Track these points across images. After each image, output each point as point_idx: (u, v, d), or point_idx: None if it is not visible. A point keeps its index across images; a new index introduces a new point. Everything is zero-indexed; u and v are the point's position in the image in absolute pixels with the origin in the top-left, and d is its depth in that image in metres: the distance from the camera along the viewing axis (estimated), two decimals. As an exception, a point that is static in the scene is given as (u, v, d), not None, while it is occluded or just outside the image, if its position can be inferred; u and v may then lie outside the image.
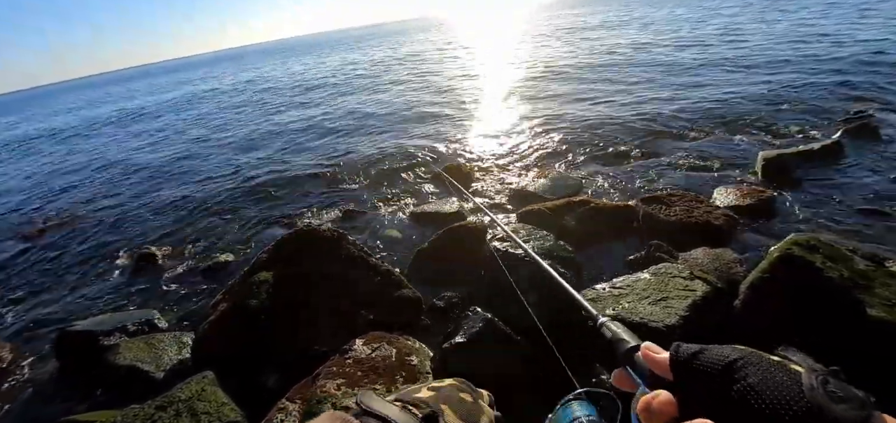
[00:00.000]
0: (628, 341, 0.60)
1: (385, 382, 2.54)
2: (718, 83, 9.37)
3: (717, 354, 0.45)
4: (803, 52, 10.88)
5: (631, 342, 0.59)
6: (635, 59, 13.76)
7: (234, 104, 18.29)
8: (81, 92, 64.40)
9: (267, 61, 49.18)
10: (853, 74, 8.38)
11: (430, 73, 18.22)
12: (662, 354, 0.52)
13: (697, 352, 0.47)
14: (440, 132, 9.15)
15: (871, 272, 2.59)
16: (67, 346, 3.79)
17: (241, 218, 6.38)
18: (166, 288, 4.86)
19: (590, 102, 9.69)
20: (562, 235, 3.95)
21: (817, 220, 4.16)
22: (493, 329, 2.74)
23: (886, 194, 4.37)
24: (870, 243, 3.61)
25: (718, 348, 0.47)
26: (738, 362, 0.43)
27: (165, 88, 35.55)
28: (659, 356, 0.52)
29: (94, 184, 9.73)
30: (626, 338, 0.61)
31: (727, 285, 2.98)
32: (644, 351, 0.55)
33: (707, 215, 4.06)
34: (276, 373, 3.08)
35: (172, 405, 2.54)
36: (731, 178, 5.20)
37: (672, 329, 2.50)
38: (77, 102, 41.59)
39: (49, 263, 6.08)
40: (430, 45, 33.30)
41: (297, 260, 3.77)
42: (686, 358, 0.48)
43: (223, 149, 10.77)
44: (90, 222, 7.35)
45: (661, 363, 0.51)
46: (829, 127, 6.20)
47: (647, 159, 6.14)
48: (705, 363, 0.45)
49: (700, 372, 0.46)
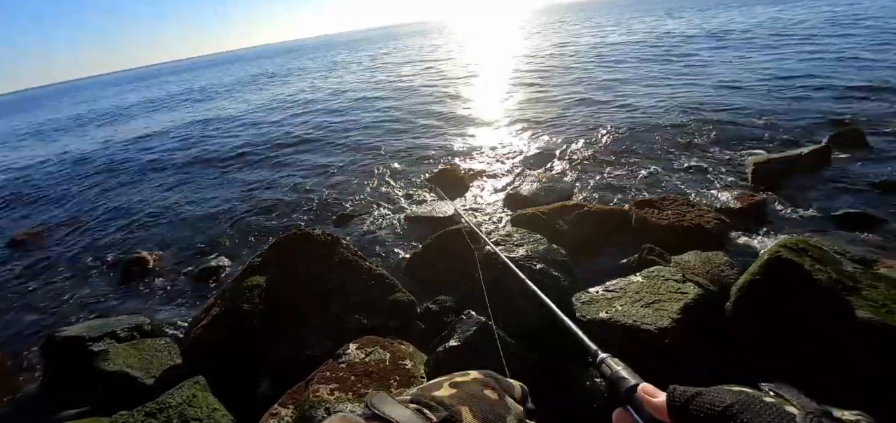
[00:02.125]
0: (628, 380, 0.60)
1: (379, 387, 2.53)
2: (709, 91, 9.49)
3: (714, 398, 0.46)
4: (792, 62, 11.07)
5: (631, 381, 0.59)
6: (626, 66, 13.90)
7: (222, 113, 18.19)
8: (71, 94, 63.85)
9: (250, 67, 49.05)
10: (842, 83, 8.54)
11: (426, 78, 18.26)
12: (659, 397, 0.53)
13: (694, 395, 0.48)
14: (434, 137, 9.17)
15: (859, 275, 2.63)
16: (55, 352, 3.73)
17: (234, 223, 6.34)
18: (157, 293, 4.82)
19: (583, 106, 9.77)
20: (555, 238, 3.97)
21: (806, 223, 4.22)
22: (488, 333, 2.74)
23: (872, 198, 4.45)
24: (857, 245, 3.67)
25: (715, 392, 0.47)
26: (735, 406, 0.43)
27: (128, 96, 35.30)
28: (656, 400, 0.53)
29: (82, 187, 9.63)
30: (626, 377, 0.61)
31: (718, 288, 3.01)
32: (641, 393, 0.56)
33: (699, 218, 4.10)
34: (268, 378, 3.05)
35: (163, 411, 2.51)
36: (723, 183, 5.26)
37: (664, 332, 2.52)
38: (63, 105, 41.18)
39: (37, 267, 6.00)
40: (426, 49, 33.42)
41: (290, 264, 3.75)
42: (682, 403, 0.48)
43: (213, 153, 10.70)
44: (78, 226, 7.27)
45: (659, 406, 0.52)
46: (817, 134, 6.30)
47: (640, 164, 6.20)
48: (702, 407, 0.46)
49: (697, 416, 0.46)
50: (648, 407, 0.54)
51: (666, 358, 2.44)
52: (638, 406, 0.56)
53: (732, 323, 2.71)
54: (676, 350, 2.48)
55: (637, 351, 2.51)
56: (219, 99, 22.06)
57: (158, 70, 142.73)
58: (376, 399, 0.54)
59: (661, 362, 2.43)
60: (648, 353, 2.47)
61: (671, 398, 0.50)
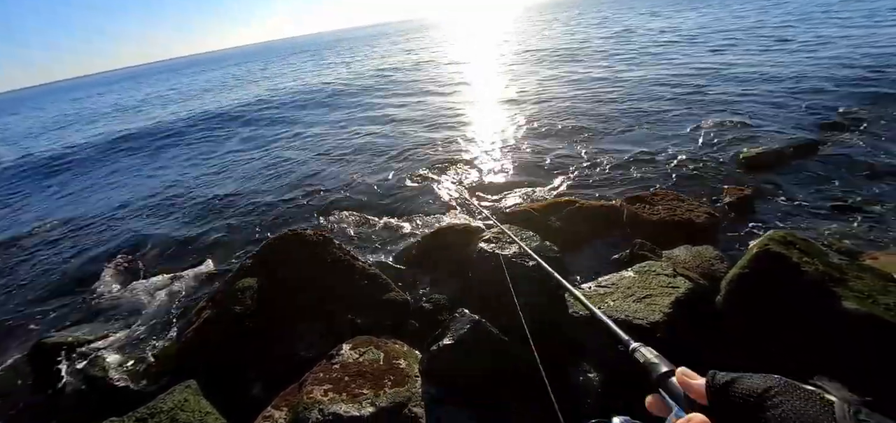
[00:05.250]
0: (662, 367, 0.61)
1: (372, 387, 2.53)
2: (700, 86, 9.58)
3: (753, 382, 0.48)
4: (781, 59, 11.22)
5: (664, 368, 0.61)
6: (618, 61, 13.98)
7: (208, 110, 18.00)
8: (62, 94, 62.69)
9: (245, 65, 48.56)
10: (829, 77, 8.68)
11: (416, 75, 18.21)
12: (698, 380, 0.55)
13: (733, 380, 0.50)
14: (427, 134, 9.15)
15: (845, 266, 2.68)
16: (43, 358, 3.67)
17: (225, 224, 6.27)
18: (148, 296, 4.74)
19: (575, 103, 9.81)
20: (548, 235, 3.98)
21: (794, 216, 4.29)
22: (481, 331, 2.74)
23: (859, 191, 4.53)
24: (843, 237, 3.74)
25: (753, 377, 0.49)
26: (772, 390, 0.45)
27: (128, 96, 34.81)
28: (695, 382, 0.55)
29: (69, 190, 9.47)
30: (659, 363, 0.62)
31: (709, 282, 3.04)
32: (680, 377, 0.58)
33: (689, 213, 4.14)
34: (261, 380, 3.03)
35: (155, 417, 2.48)
36: (712, 177, 5.32)
37: (656, 325, 2.54)
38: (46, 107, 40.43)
39: (23, 272, 5.89)
40: (420, 46, 33.33)
41: (282, 265, 3.72)
42: (722, 385, 0.51)
43: (205, 154, 10.59)
44: (66, 230, 7.15)
45: (698, 388, 0.54)
46: (805, 127, 6.40)
47: (631, 160, 6.24)
48: (741, 391, 0.48)
49: (736, 399, 0.48)
50: (686, 389, 0.56)
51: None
52: (671, 391, 0.58)
53: (723, 316, 2.74)
54: (668, 344, 2.50)
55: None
56: (194, 100, 21.80)
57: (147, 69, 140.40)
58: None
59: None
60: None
61: (711, 382, 0.52)
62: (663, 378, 0.60)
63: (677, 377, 0.58)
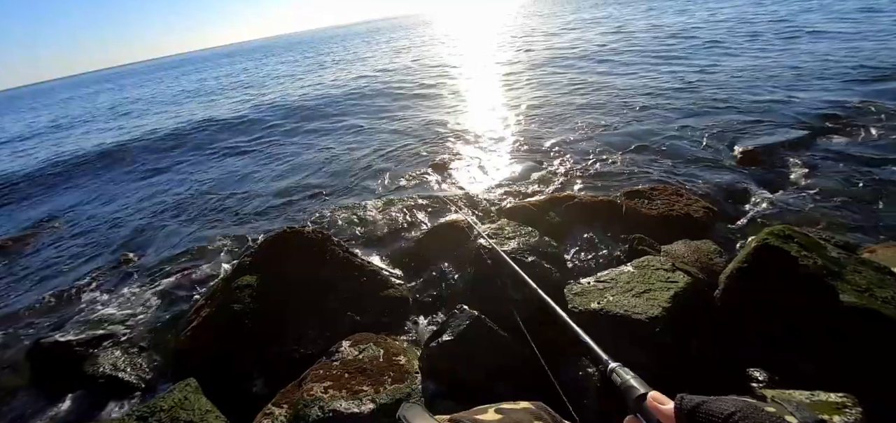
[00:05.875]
0: (638, 389, 0.62)
1: (373, 383, 2.53)
2: (696, 80, 9.57)
3: (718, 406, 0.50)
4: (778, 53, 11.21)
5: (640, 390, 0.62)
6: (615, 56, 13.95)
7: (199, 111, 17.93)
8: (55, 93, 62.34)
9: (241, 62, 48.33)
10: (826, 70, 8.67)
11: (413, 70, 18.14)
12: (668, 405, 0.57)
13: (700, 403, 0.52)
14: (425, 130, 9.13)
15: (843, 260, 2.68)
16: (43, 357, 3.67)
17: (223, 222, 6.27)
18: (147, 294, 4.74)
19: (573, 97, 9.79)
20: (547, 231, 3.98)
21: (792, 209, 4.29)
22: (481, 326, 2.75)
23: (856, 185, 4.54)
24: (841, 231, 3.75)
25: (719, 400, 0.51)
26: (736, 415, 0.47)
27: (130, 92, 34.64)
28: (664, 407, 0.57)
29: (67, 188, 9.44)
30: (636, 386, 0.63)
31: (707, 276, 3.05)
32: (650, 402, 0.59)
33: (687, 207, 4.15)
34: (261, 378, 3.04)
35: (155, 415, 2.48)
36: (710, 171, 5.32)
37: (655, 320, 2.55)
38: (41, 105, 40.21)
39: (23, 271, 5.88)
40: (415, 44, 33.20)
41: (281, 262, 3.72)
42: (689, 410, 0.52)
43: (202, 154, 10.55)
44: (65, 229, 7.13)
45: (667, 414, 0.56)
46: (802, 120, 6.39)
47: (629, 155, 6.24)
48: (707, 415, 0.50)
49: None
50: (657, 414, 0.57)
51: (657, 347, 2.47)
52: (647, 414, 0.59)
53: (721, 311, 2.75)
54: (667, 338, 2.51)
55: (628, 340, 2.54)
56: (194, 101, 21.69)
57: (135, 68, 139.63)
58: (410, 414, 0.55)
59: (652, 350, 2.45)
60: (639, 342, 2.50)
61: (679, 406, 0.54)
62: (639, 401, 0.61)
63: (648, 402, 0.59)
